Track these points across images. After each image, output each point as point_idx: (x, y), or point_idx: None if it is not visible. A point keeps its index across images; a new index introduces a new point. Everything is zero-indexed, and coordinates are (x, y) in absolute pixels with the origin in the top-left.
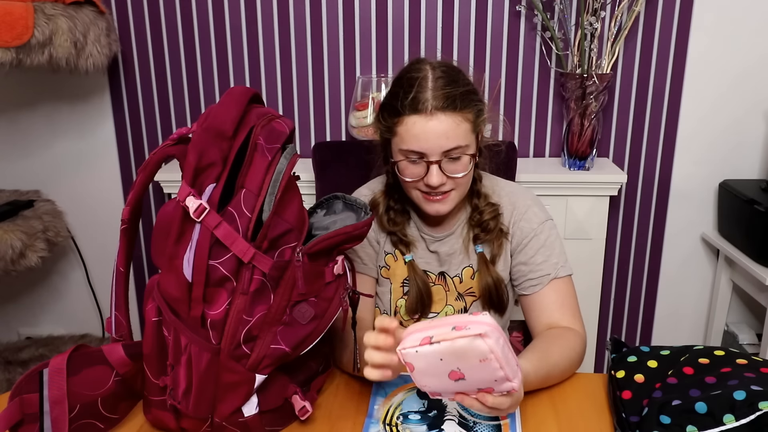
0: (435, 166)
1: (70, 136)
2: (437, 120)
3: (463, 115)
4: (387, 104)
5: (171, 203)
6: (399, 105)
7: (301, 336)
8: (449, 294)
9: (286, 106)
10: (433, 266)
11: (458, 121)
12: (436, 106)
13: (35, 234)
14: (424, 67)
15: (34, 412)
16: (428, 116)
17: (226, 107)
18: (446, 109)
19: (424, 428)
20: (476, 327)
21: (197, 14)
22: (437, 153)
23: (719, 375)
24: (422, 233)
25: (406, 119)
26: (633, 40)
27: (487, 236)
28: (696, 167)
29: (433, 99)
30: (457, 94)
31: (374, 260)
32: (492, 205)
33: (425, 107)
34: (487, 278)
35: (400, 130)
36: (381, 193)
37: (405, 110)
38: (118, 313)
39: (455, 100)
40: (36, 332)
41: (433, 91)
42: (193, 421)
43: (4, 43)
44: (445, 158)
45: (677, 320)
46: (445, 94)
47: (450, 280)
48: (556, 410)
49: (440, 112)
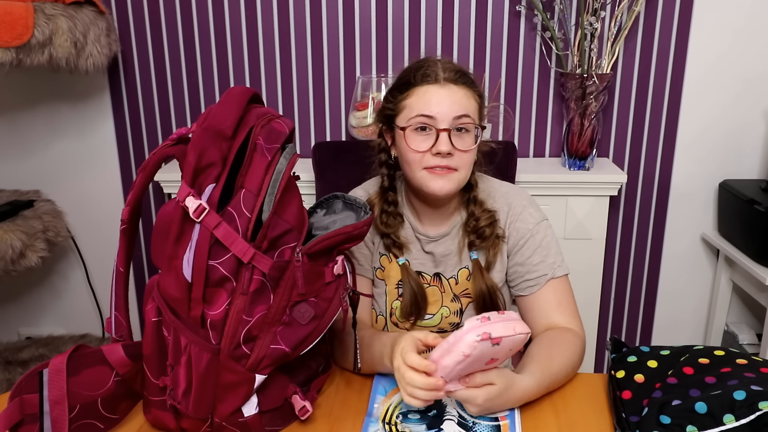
0: (444, 134)
1: (70, 136)
2: (449, 89)
3: (473, 92)
4: (395, 87)
5: (171, 203)
6: (411, 78)
7: (300, 336)
8: (445, 295)
9: (286, 106)
10: (428, 267)
11: (468, 95)
12: (447, 77)
13: (35, 234)
14: (431, 58)
15: (34, 413)
16: (440, 84)
17: (225, 107)
18: (457, 81)
19: (423, 427)
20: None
21: (197, 14)
22: (448, 119)
23: (719, 375)
24: (417, 234)
25: (417, 89)
26: (633, 40)
27: (482, 243)
28: (696, 167)
29: (444, 71)
30: (466, 72)
31: (370, 261)
32: (488, 212)
33: (437, 77)
34: (481, 285)
35: (410, 102)
36: (376, 195)
37: (417, 81)
38: (118, 314)
39: (465, 75)
40: (36, 332)
41: (443, 66)
42: (192, 422)
43: (4, 43)
44: (453, 128)
45: (677, 320)
46: (454, 68)
47: (446, 281)
48: (556, 410)
49: (451, 83)
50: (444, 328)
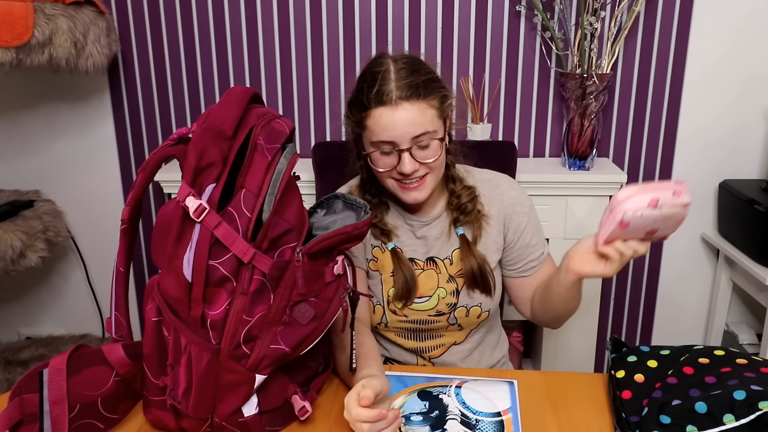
0: (406, 154)
1: (70, 136)
2: (403, 109)
3: (428, 102)
4: (354, 100)
5: (171, 203)
6: (365, 99)
7: (301, 336)
8: (441, 277)
9: (286, 106)
10: (420, 253)
11: (423, 108)
12: (400, 95)
13: (35, 234)
14: (386, 61)
15: (34, 412)
16: (394, 106)
17: (226, 107)
18: (410, 97)
19: (426, 429)
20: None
21: (197, 14)
22: (406, 140)
23: (719, 375)
24: (407, 220)
25: (373, 112)
26: (633, 40)
27: (466, 218)
28: (696, 167)
29: (397, 89)
30: (419, 83)
31: (363, 253)
32: (468, 188)
33: (390, 98)
34: (470, 259)
35: (368, 123)
36: (356, 188)
37: (371, 103)
38: (118, 313)
39: (418, 88)
40: (36, 332)
41: (396, 82)
42: (192, 421)
43: (4, 43)
44: (415, 145)
45: (677, 320)
46: (407, 83)
47: (441, 263)
48: (556, 410)
49: (405, 101)
50: (441, 310)
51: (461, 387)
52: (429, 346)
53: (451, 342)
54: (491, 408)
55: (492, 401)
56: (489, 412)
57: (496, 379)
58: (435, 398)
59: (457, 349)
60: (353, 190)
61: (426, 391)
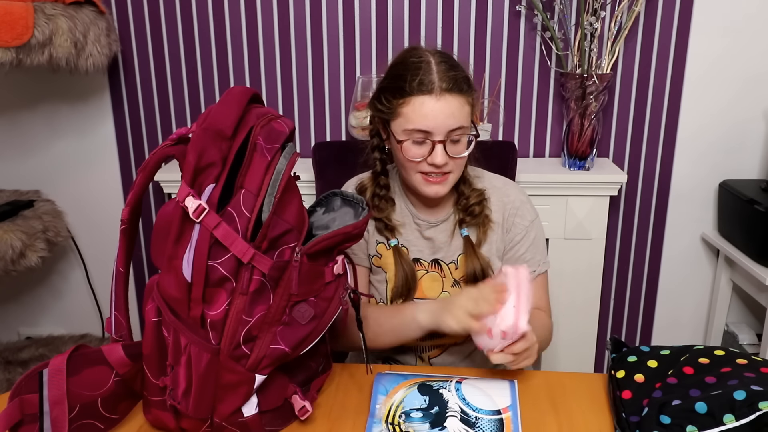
0: (440, 146)
1: (70, 136)
2: (444, 100)
3: (466, 98)
4: (388, 87)
5: (170, 203)
6: (406, 86)
7: (300, 336)
8: (445, 281)
9: (286, 106)
10: (426, 254)
11: (462, 103)
12: (443, 87)
13: (35, 234)
14: (425, 54)
15: (33, 413)
16: (437, 97)
17: (225, 107)
18: (452, 90)
19: (426, 426)
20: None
21: (197, 14)
22: (442, 132)
23: (719, 375)
24: (416, 220)
25: (413, 99)
26: (633, 40)
27: (473, 220)
28: (696, 167)
29: (440, 81)
30: (461, 78)
31: (365, 250)
32: (477, 191)
33: (433, 88)
34: (474, 261)
35: (405, 110)
36: (369, 179)
37: (413, 91)
38: (118, 314)
39: (460, 83)
40: (36, 332)
41: (438, 74)
42: (192, 422)
43: (4, 43)
44: (448, 139)
45: (677, 320)
46: (451, 76)
47: (446, 266)
48: (556, 410)
49: (447, 93)
50: None
51: (462, 382)
52: (428, 346)
53: (451, 342)
54: (491, 405)
55: (492, 398)
56: (489, 409)
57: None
58: (435, 393)
59: (457, 350)
60: (365, 181)
61: (426, 384)
